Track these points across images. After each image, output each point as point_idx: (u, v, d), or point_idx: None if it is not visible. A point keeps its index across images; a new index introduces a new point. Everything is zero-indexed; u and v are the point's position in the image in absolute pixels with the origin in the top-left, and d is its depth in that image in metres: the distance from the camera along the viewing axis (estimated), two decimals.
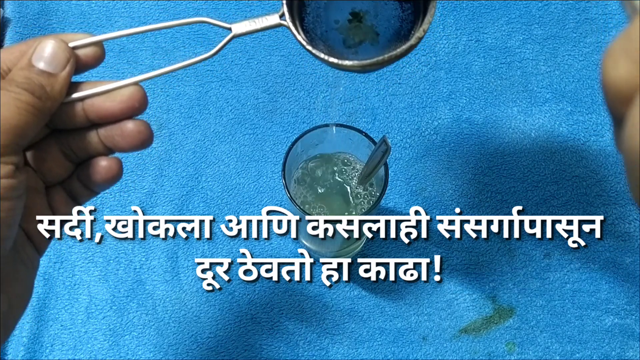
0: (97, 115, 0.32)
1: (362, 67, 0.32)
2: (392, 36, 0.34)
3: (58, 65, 0.31)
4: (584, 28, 0.58)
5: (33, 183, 0.33)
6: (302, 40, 0.32)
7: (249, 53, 0.58)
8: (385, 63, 0.32)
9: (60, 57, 0.31)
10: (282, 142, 0.55)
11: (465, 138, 0.55)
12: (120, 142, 0.33)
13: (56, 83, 0.31)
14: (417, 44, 0.32)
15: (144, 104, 0.33)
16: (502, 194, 0.54)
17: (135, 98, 0.32)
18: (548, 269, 0.52)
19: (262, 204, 0.54)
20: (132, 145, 0.33)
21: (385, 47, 0.34)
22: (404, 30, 0.34)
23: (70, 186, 0.35)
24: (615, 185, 0.54)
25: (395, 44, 0.33)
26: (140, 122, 0.33)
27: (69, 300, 0.51)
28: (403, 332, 0.51)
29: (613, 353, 0.50)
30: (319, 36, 0.34)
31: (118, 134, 0.33)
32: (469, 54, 0.58)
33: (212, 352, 0.50)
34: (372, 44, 0.34)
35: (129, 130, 0.32)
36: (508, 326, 0.51)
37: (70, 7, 0.59)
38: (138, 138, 0.33)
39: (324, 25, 0.34)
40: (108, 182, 0.34)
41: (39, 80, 0.30)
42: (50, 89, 0.31)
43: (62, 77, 0.31)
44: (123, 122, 0.33)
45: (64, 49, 0.31)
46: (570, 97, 0.56)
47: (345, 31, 0.34)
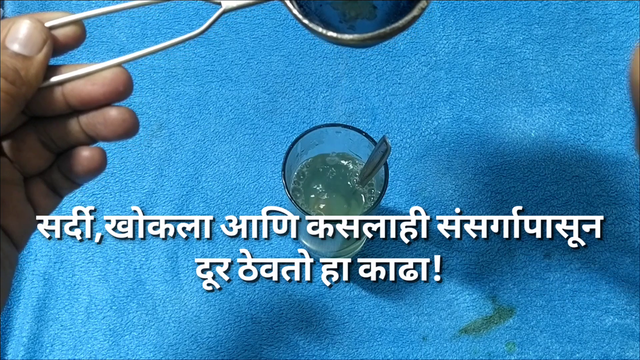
0: (78, 101, 0.30)
1: (362, 40, 0.30)
2: (390, 10, 0.32)
3: (34, 47, 0.28)
4: (584, 28, 0.58)
5: (9, 175, 0.31)
6: (297, 14, 0.30)
7: (249, 53, 0.58)
8: (387, 36, 0.30)
9: (36, 38, 0.28)
10: (282, 142, 0.55)
11: (465, 138, 0.55)
12: (103, 130, 0.30)
13: (31, 67, 0.28)
14: (420, 14, 0.30)
15: (128, 88, 0.30)
16: (502, 194, 0.54)
17: (119, 81, 0.30)
18: (548, 269, 0.52)
19: (262, 204, 0.54)
20: (116, 134, 0.30)
21: (382, 22, 0.31)
22: (403, 3, 0.31)
23: (50, 177, 0.32)
24: (615, 185, 0.54)
25: (393, 18, 0.31)
26: (124, 109, 0.30)
27: (69, 300, 0.51)
28: (403, 332, 0.51)
29: (613, 353, 0.50)
30: (314, 11, 0.32)
31: (101, 121, 0.30)
32: (469, 54, 0.58)
33: (212, 352, 0.50)
34: (370, 18, 0.32)
35: (113, 118, 0.30)
36: (508, 326, 0.51)
37: (70, 7, 0.59)
38: (122, 126, 0.30)
39: None
40: (90, 173, 0.31)
41: (13, 63, 0.28)
42: (25, 73, 0.28)
43: (38, 60, 0.28)
44: (106, 109, 0.30)
45: (40, 29, 0.29)
46: (570, 97, 0.56)
47: (340, 5, 0.32)
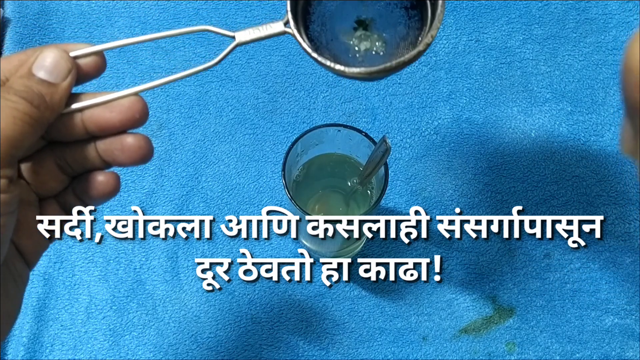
0: (96, 127, 0.31)
1: (369, 74, 0.31)
2: (399, 43, 0.33)
3: (59, 74, 0.30)
4: (584, 28, 0.58)
5: (26, 196, 0.32)
6: (307, 47, 0.32)
7: (249, 53, 0.58)
8: (393, 70, 0.31)
9: (61, 67, 0.30)
10: (282, 142, 0.55)
11: (465, 138, 0.55)
12: (120, 156, 0.32)
13: (56, 93, 0.30)
14: (425, 50, 0.31)
15: (144, 115, 0.32)
16: (502, 194, 0.54)
17: (135, 109, 0.31)
18: (548, 269, 0.52)
19: (262, 204, 0.54)
20: (132, 160, 0.32)
21: (391, 55, 0.33)
22: (411, 37, 0.33)
23: (64, 199, 0.34)
24: (615, 185, 0.54)
25: (401, 51, 0.33)
26: (140, 137, 0.32)
27: (69, 300, 0.51)
28: (403, 332, 0.51)
29: (613, 353, 0.50)
30: (324, 44, 0.33)
31: (118, 148, 0.32)
32: (469, 54, 0.58)
33: (212, 352, 0.50)
34: (378, 51, 0.33)
35: (129, 145, 0.32)
36: (508, 326, 0.51)
37: (70, 7, 0.59)
38: (138, 153, 0.32)
39: (329, 33, 0.33)
40: (105, 196, 0.33)
41: (39, 89, 0.29)
42: (49, 98, 0.30)
43: (63, 87, 0.30)
44: (123, 136, 0.32)
45: (66, 58, 0.31)
46: (570, 97, 0.56)
47: (350, 39, 0.34)
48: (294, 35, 0.32)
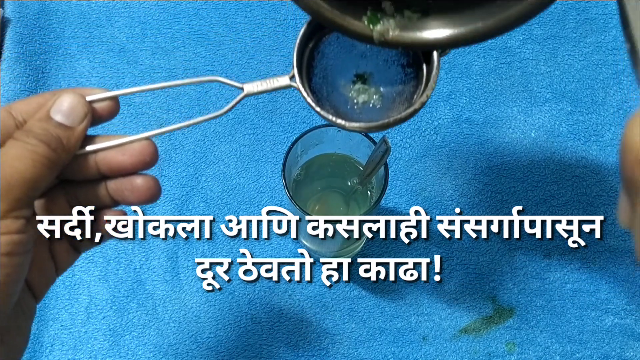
0: (108, 168, 0.33)
1: (367, 129, 0.33)
2: (395, 98, 0.35)
3: (76, 118, 0.31)
4: (584, 28, 0.58)
5: (37, 233, 0.33)
6: (311, 102, 0.33)
7: (249, 53, 0.58)
8: (390, 126, 0.33)
9: (78, 111, 0.31)
10: (282, 142, 0.55)
11: (465, 138, 0.55)
12: (130, 196, 0.33)
13: (72, 136, 0.31)
14: (421, 108, 0.33)
15: (154, 158, 0.33)
16: (502, 194, 0.54)
17: (146, 152, 0.33)
18: (548, 269, 0.52)
19: (262, 204, 0.54)
20: (140, 200, 0.33)
21: (388, 108, 0.35)
22: (407, 93, 0.35)
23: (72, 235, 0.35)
24: (615, 185, 0.54)
25: (398, 104, 0.35)
26: (149, 178, 0.33)
27: (69, 300, 0.51)
28: (403, 332, 0.51)
29: (613, 353, 0.50)
30: (325, 96, 0.35)
31: (128, 188, 0.33)
32: (469, 54, 0.58)
33: (212, 352, 0.50)
34: (375, 105, 0.35)
35: (139, 186, 0.33)
36: (508, 326, 0.51)
37: (70, 7, 0.59)
38: (147, 194, 0.33)
39: (330, 86, 0.35)
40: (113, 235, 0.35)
41: (57, 132, 0.31)
42: (66, 141, 0.31)
43: (79, 131, 0.31)
44: (133, 177, 0.33)
45: (83, 103, 0.32)
46: (570, 97, 0.56)
47: (350, 92, 0.35)
48: (300, 90, 0.34)
